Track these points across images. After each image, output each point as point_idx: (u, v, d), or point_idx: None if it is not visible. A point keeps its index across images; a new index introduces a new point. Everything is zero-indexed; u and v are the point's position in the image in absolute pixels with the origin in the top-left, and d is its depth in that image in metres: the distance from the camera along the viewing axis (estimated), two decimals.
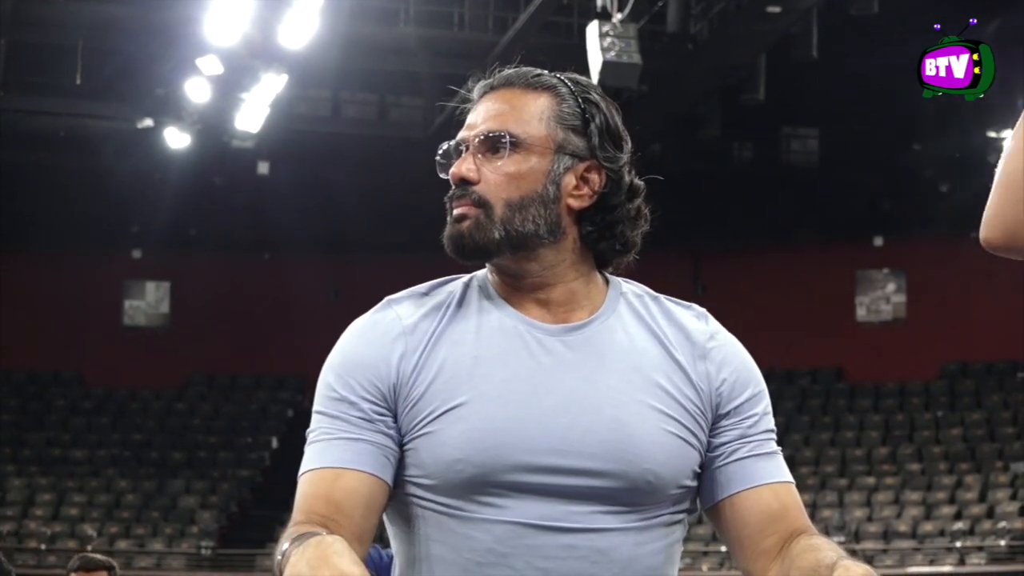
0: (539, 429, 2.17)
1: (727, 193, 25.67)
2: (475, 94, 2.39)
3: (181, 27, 18.57)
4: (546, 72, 2.38)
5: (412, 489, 2.26)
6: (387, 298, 2.36)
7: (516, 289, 2.32)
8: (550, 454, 2.21)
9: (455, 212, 2.31)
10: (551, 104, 2.33)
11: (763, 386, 2.36)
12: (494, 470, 2.20)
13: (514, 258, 2.29)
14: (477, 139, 2.32)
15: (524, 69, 2.38)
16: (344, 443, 2.26)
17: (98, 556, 6.24)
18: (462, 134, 2.35)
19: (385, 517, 2.32)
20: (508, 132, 2.30)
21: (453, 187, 2.33)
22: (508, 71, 2.38)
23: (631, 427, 2.23)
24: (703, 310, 2.38)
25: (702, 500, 2.33)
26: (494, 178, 2.30)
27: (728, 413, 2.31)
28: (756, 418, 2.32)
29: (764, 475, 2.30)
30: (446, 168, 2.36)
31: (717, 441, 2.30)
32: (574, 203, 2.30)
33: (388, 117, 24.18)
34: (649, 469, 2.23)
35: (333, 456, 2.25)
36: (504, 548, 2.23)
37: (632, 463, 2.22)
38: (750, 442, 2.31)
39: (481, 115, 2.34)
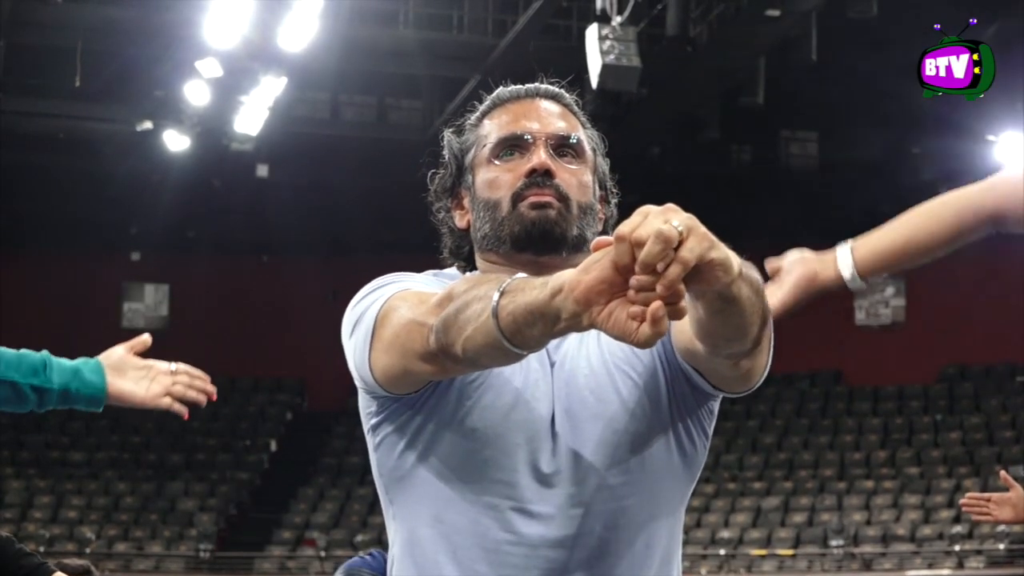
0: (524, 414, 2.26)
1: (726, 196, 25.63)
2: (507, 95, 2.41)
3: (180, 29, 18.56)
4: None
5: (423, 458, 2.30)
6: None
7: None
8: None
9: (535, 200, 2.30)
10: (585, 128, 2.42)
11: None
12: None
13: (562, 259, 2.31)
14: (551, 137, 2.34)
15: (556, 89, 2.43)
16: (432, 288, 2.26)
17: (72, 561, 6.31)
18: (527, 125, 2.34)
19: (387, 496, 2.35)
20: (580, 139, 2.36)
21: (524, 177, 2.31)
22: (542, 86, 2.42)
23: (608, 399, 2.30)
24: None
25: (677, 350, 2.29)
26: (568, 179, 2.33)
27: None
28: None
29: None
30: (501, 155, 2.35)
31: None
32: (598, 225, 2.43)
33: (387, 119, 24.16)
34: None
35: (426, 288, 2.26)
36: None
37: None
38: None
39: (542, 114, 2.36)
